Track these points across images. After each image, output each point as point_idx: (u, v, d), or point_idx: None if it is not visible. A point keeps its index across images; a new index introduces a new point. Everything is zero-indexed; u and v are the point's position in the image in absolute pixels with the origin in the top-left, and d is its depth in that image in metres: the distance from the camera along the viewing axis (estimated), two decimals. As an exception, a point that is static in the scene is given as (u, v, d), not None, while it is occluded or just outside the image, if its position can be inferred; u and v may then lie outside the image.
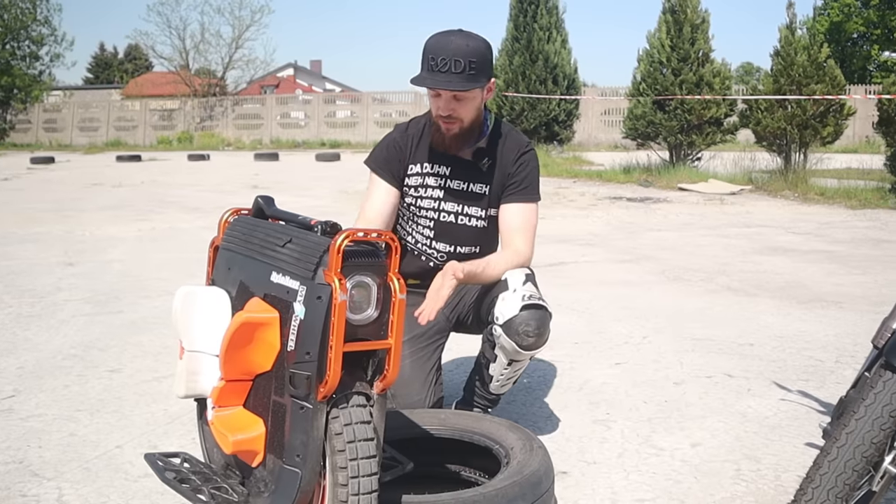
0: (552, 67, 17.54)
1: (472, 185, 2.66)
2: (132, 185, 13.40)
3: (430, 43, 2.49)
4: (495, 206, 2.68)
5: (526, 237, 2.65)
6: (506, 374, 2.59)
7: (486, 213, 2.69)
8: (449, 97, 2.51)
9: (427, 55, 2.48)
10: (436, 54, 2.45)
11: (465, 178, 2.66)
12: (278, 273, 1.68)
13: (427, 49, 2.49)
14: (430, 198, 2.67)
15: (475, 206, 2.67)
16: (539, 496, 1.93)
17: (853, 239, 7.49)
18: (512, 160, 2.66)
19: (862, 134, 22.53)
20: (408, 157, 2.67)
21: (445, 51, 2.44)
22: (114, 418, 2.94)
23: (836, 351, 3.79)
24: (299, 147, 28.56)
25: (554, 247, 6.96)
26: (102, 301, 4.82)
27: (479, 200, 2.67)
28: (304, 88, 46.92)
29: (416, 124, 2.73)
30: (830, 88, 11.92)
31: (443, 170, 2.66)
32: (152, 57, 43.59)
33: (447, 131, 2.56)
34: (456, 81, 2.46)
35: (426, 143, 2.67)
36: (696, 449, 2.67)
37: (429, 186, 2.67)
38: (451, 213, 2.67)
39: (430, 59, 2.46)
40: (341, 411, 1.59)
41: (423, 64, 2.49)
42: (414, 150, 2.68)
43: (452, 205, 2.67)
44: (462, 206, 2.67)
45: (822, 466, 1.67)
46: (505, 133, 2.70)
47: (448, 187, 2.66)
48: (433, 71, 2.46)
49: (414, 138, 2.69)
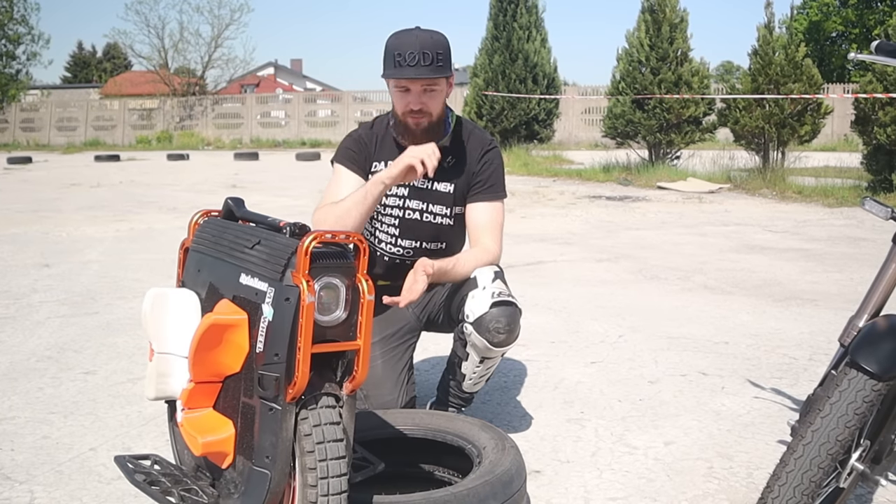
0: (532, 66, 17.57)
1: (436, 183, 2.66)
2: (110, 186, 13.32)
3: (392, 41, 2.51)
4: (461, 203, 2.69)
5: (494, 234, 2.66)
6: (478, 371, 2.60)
7: (452, 212, 2.69)
8: (419, 90, 2.51)
9: (392, 52, 2.49)
10: (402, 49, 2.46)
11: (428, 176, 2.65)
12: (247, 275, 1.68)
13: (391, 47, 2.50)
14: (395, 195, 2.67)
15: (440, 204, 2.67)
16: (510, 495, 1.94)
17: (830, 237, 7.55)
18: (476, 159, 2.67)
19: (840, 132, 22.70)
20: (373, 153, 2.67)
21: (412, 45, 2.46)
22: (88, 420, 2.93)
23: (811, 349, 3.82)
24: (280, 146, 28.48)
25: (532, 246, 6.97)
26: (78, 302, 4.79)
27: (444, 199, 2.67)
28: (284, 87, 46.79)
29: (381, 123, 2.73)
30: (808, 87, 12.01)
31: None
32: (131, 56, 43.48)
33: (417, 126, 2.56)
34: (427, 72, 2.47)
35: (390, 142, 2.67)
36: (669, 447, 2.68)
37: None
38: (415, 211, 2.67)
39: (397, 56, 2.47)
40: (310, 412, 1.59)
41: (389, 62, 2.51)
42: (378, 148, 2.68)
43: (417, 202, 2.67)
44: (427, 203, 2.67)
45: (788, 464, 1.69)
46: (468, 131, 2.71)
47: (412, 185, 2.65)
48: (402, 66, 2.47)
49: (378, 136, 2.69)
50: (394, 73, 2.50)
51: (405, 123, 2.58)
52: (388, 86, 2.59)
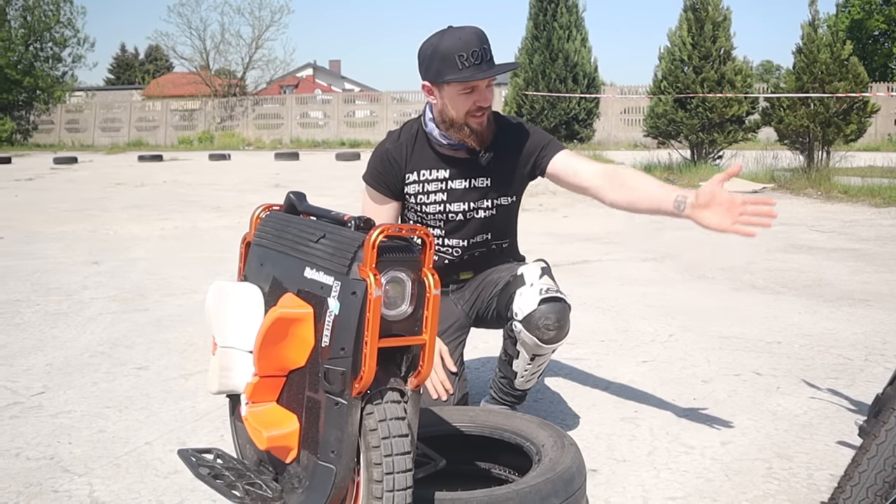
0: (572, 66, 17.53)
1: (473, 181, 2.62)
2: (154, 185, 13.48)
3: (448, 44, 2.41)
4: (504, 195, 2.66)
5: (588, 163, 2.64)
6: (530, 369, 2.58)
7: (493, 203, 2.66)
8: (484, 87, 2.47)
9: (453, 55, 2.39)
10: (465, 50, 2.39)
11: (466, 175, 2.62)
12: (312, 268, 1.68)
13: (450, 49, 2.40)
14: (435, 202, 2.63)
15: (481, 199, 2.64)
16: (571, 493, 1.92)
17: (878, 237, 7.42)
18: (514, 144, 2.63)
19: (884, 132, 22.31)
20: (404, 167, 2.62)
21: (472, 44, 2.40)
22: (142, 415, 2.95)
23: (865, 349, 3.75)
24: (319, 147, 28.66)
25: (577, 245, 6.94)
26: (128, 299, 4.85)
27: (484, 193, 2.63)
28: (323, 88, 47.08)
29: (409, 131, 2.67)
30: (854, 86, 11.82)
31: (442, 173, 2.62)
32: (173, 58, 43.98)
33: (480, 125, 2.52)
34: (493, 68, 2.44)
35: (421, 150, 2.62)
36: (726, 447, 2.64)
37: (430, 192, 2.63)
38: (458, 213, 2.64)
39: (461, 57, 2.39)
40: (376, 407, 1.58)
41: (450, 65, 2.40)
42: (410, 159, 2.62)
43: (458, 204, 2.64)
44: (468, 203, 2.64)
45: (861, 463, 1.65)
46: (493, 121, 2.63)
47: (450, 189, 2.62)
48: (469, 66, 2.40)
49: (407, 146, 2.63)
50: (466, 74, 2.40)
51: (467, 125, 2.50)
52: (444, 91, 2.48)
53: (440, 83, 2.47)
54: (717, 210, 2.29)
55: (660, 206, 2.43)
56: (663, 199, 2.41)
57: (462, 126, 2.52)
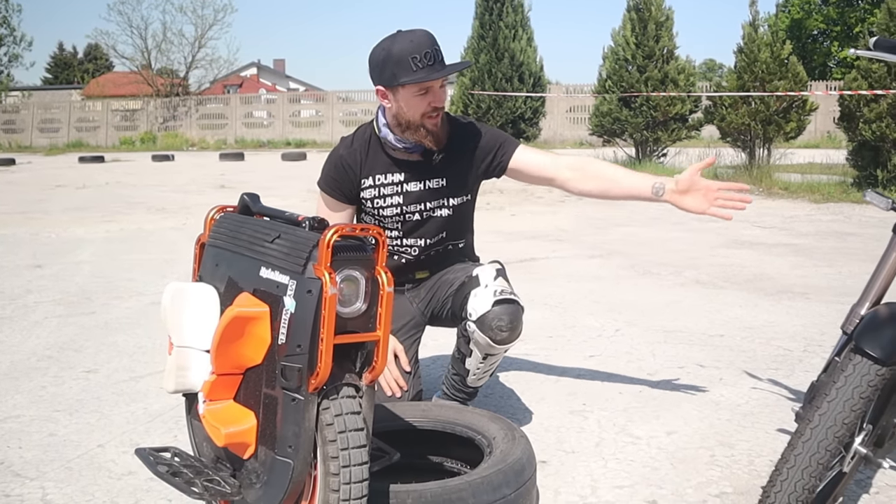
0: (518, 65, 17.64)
1: (428, 182, 2.66)
2: (97, 186, 13.28)
3: (400, 47, 2.44)
4: (459, 195, 2.71)
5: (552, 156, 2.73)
6: (482, 367, 2.63)
7: (449, 203, 2.70)
8: (438, 88, 2.51)
9: (407, 57, 2.42)
10: (418, 52, 2.43)
11: (421, 177, 2.65)
12: (268, 268, 1.71)
13: (403, 52, 2.43)
14: (391, 206, 2.67)
15: (436, 199, 2.68)
16: (522, 483, 1.98)
17: (818, 232, 7.63)
18: (466, 145, 2.68)
19: (823, 129, 22.87)
20: (359, 172, 2.65)
21: (424, 45, 2.44)
22: (93, 418, 2.95)
23: (804, 340, 3.88)
24: (264, 147, 28.44)
25: (524, 243, 7.02)
26: (74, 302, 4.80)
27: (439, 193, 2.68)
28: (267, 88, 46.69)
29: (361, 136, 2.69)
30: (793, 84, 12.11)
31: (397, 177, 2.65)
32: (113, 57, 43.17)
33: (435, 126, 2.55)
34: (448, 68, 2.49)
35: (375, 154, 2.65)
36: (671, 437, 2.73)
37: (386, 196, 2.66)
38: (415, 213, 2.68)
39: (415, 59, 2.42)
40: (332, 402, 1.62)
41: (405, 67, 2.43)
42: (363, 164, 2.65)
43: (415, 206, 2.67)
44: (424, 203, 2.68)
45: (796, 447, 1.73)
46: (445, 122, 2.66)
47: (406, 191, 2.66)
48: (423, 68, 2.43)
49: (361, 152, 2.66)
50: (421, 76, 2.43)
51: (423, 125, 2.53)
52: (399, 94, 2.50)
53: (395, 86, 2.49)
54: (696, 195, 2.52)
55: (637, 192, 2.62)
56: (640, 186, 2.61)
57: (418, 127, 2.55)
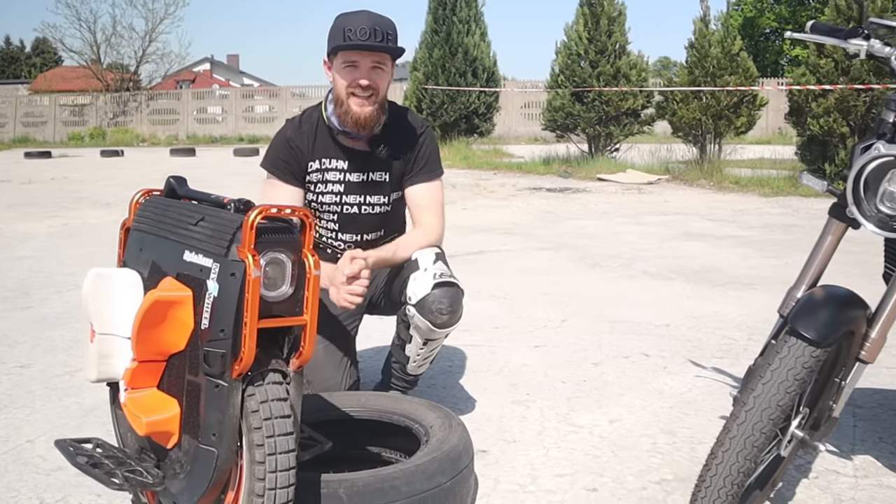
0: (472, 60, 17.59)
1: (371, 174, 2.63)
2: (42, 182, 13.00)
3: (341, 19, 2.46)
4: (397, 189, 2.67)
5: (435, 213, 2.66)
6: (422, 353, 2.59)
7: (389, 199, 2.67)
8: (368, 67, 2.47)
9: (342, 28, 2.42)
10: (353, 25, 2.41)
11: (364, 168, 2.62)
12: (191, 251, 1.65)
13: (340, 24, 2.44)
14: (332, 192, 2.63)
15: (377, 194, 2.65)
16: (458, 472, 1.94)
17: (766, 225, 7.71)
18: (412, 144, 2.65)
19: (774, 126, 23.14)
20: (307, 153, 2.61)
21: (363, 21, 2.41)
22: (24, 413, 2.86)
23: (749, 329, 3.90)
24: (217, 142, 28.10)
25: (474, 236, 6.99)
26: (10, 297, 4.67)
27: (381, 188, 2.65)
28: (220, 83, 46.14)
29: (308, 119, 2.65)
30: (743, 80, 12.23)
31: (341, 164, 2.61)
32: (61, 51, 42.39)
33: (361, 107, 2.49)
34: (377, 46, 2.44)
35: (323, 138, 2.62)
36: (613, 425, 2.71)
37: (329, 182, 2.62)
38: (353, 205, 2.64)
39: (348, 31, 2.41)
40: (257, 388, 1.57)
41: (338, 37, 2.43)
42: (312, 147, 2.61)
43: (354, 197, 2.63)
44: (364, 196, 2.64)
45: (731, 430, 1.72)
46: (399, 116, 2.66)
47: (348, 181, 2.62)
48: (353, 41, 2.41)
49: (309, 135, 2.62)
50: (344, 45, 2.43)
51: (348, 105, 2.49)
52: (333, 65, 2.51)
53: (330, 56, 2.51)
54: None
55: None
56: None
57: (343, 104, 2.51)
